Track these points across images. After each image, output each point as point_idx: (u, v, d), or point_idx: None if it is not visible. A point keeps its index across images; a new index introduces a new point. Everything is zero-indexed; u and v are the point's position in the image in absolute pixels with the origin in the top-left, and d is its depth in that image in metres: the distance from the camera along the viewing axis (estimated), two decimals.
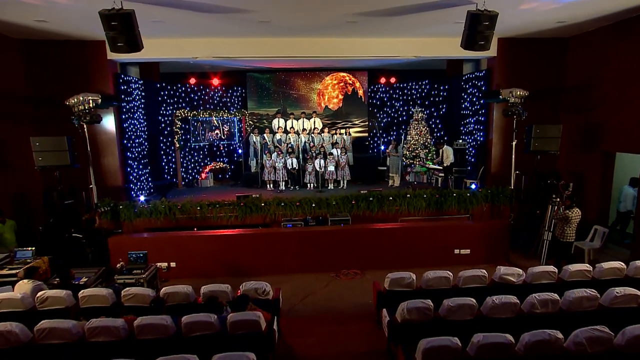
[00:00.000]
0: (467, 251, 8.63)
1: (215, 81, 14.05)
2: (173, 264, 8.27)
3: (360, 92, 14.96)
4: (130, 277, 6.68)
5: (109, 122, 10.00)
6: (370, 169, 13.52)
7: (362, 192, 9.83)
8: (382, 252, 8.50)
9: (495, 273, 6.05)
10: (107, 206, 8.51)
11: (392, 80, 14.71)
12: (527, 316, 4.99)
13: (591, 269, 5.89)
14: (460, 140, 11.81)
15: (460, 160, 11.33)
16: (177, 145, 12.84)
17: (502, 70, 10.41)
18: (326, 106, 15.03)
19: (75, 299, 5.46)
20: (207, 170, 13.66)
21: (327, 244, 8.48)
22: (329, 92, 14.87)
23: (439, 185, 11.64)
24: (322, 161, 12.13)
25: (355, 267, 8.46)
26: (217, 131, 13.98)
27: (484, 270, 5.99)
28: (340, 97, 14.93)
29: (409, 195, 9.56)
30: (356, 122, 15.13)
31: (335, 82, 14.85)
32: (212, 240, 8.40)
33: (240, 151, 13.85)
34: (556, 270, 5.90)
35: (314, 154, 12.52)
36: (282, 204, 9.48)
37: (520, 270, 5.92)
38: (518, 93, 8.60)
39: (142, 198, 9.27)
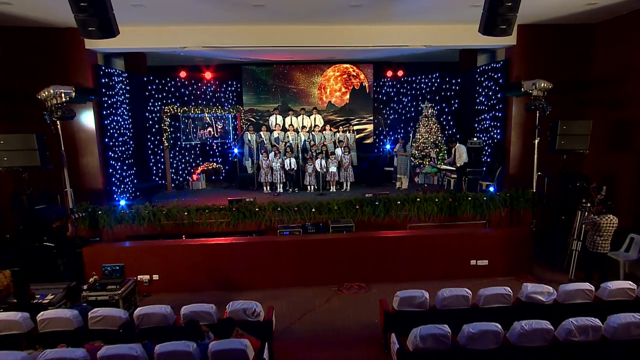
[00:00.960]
0: (485, 262, 8.03)
1: (208, 75, 13.50)
2: (156, 277, 7.71)
3: (366, 86, 14.37)
4: (104, 293, 6.11)
5: (88, 119, 9.45)
6: (376, 169, 12.92)
7: (366, 195, 9.26)
8: (390, 263, 7.92)
9: (521, 291, 5.45)
10: (82, 212, 7.95)
11: (400, 73, 14.12)
12: (563, 345, 4.38)
13: (635, 287, 5.27)
14: (475, 139, 11.21)
15: (474, 160, 10.72)
16: (166, 144, 12.28)
17: (522, 60, 9.80)
18: (329, 102, 14.45)
19: (33, 322, 4.88)
20: (198, 171, 13.10)
21: (328, 254, 7.90)
22: (330, 85, 14.30)
23: (452, 188, 11.04)
24: (324, 161, 11.56)
25: (360, 280, 7.89)
26: (209, 129, 13.43)
27: (508, 288, 5.39)
28: (344, 90, 14.34)
29: (418, 200, 8.98)
30: (361, 119, 14.55)
31: (337, 73, 14.27)
32: (200, 250, 7.83)
33: (235, 151, 13.27)
34: (593, 288, 5.29)
35: (315, 154, 11.95)
36: (279, 208, 8.92)
37: (551, 288, 5.32)
38: (542, 85, 7.99)
39: (122, 202, 8.65)
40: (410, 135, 12.99)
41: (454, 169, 10.43)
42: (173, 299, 7.39)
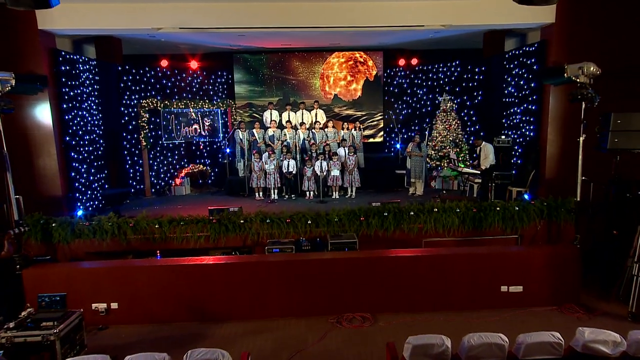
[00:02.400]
0: (519, 288, 6.92)
1: (194, 64, 12.57)
2: (114, 305, 6.71)
3: (374, 75, 13.34)
4: (35, 333, 5.09)
5: (43, 113, 8.54)
6: (386, 173, 11.88)
7: (373, 204, 8.20)
8: (401, 289, 6.86)
9: (575, 338, 4.35)
10: (25, 225, 6.94)
11: (414, 61, 13.06)
12: None
13: None
14: (503, 136, 10.12)
15: (503, 162, 9.62)
16: (144, 144, 11.32)
17: (563, 41, 8.72)
18: (335, 94, 13.46)
19: None
20: (182, 174, 12.13)
21: (325, 278, 6.87)
22: (334, 74, 13.32)
23: (475, 195, 9.89)
24: (325, 163, 10.52)
25: (364, 310, 6.83)
26: (195, 126, 12.45)
27: (558, 335, 4.28)
28: (350, 78, 13.32)
29: (436, 210, 7.88)
30: (369, 114, 13.54)
31: (342, 60, 13.27)
32: (169, 272, 6.84)
33: (227, 150, 12.28)
34: None
35: (315, 154, 10.91)
36: (268, 220, 7.90)
37: (617, 336, 4.20)
38: (591, 69, 6.84)
39: (80, 212, 7.71)
40: (426, 132, 11.93)
41: (478, 172, 9.30)
42: (134, 332, 6.47)
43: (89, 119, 9.83)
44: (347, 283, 6.87)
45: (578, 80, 7.00)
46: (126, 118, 11.38)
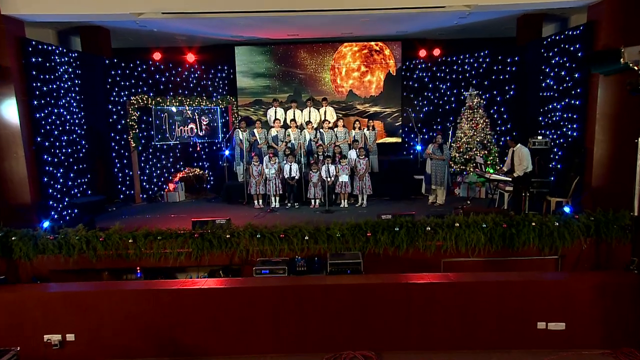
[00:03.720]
0: (561, 325, 5.76)
1: (191, 57, 11.74)
2: (71, 337, 5.84)
3: (392, 65, 12.35)
4: None
5: (9, 111, 7.79)
6: (404, 178, 10.80)
7: (383, 217, 7.18)
8: (412, 322, 5.82)
9: None
10: None
11: (436, 52, 11.99)
12: None
13: None
14: (539, 137, 8.95)
15: (540, 167, 8.45)
16: (133, 145, 10.53)
17: (617, 20, 7.55)
18: (351, 91, 12.52)
19: None
20: (177, 179, 11.31)
21: (322, 307, 5.87)
22: (347, 63, 12.39)
23: (506, 206, 8.71)
24: (332, 167, 9.55)
25: (366, 347, 5.81)
26: (192, 125, 11.61)
27: None
28: (364, 69, 12.34)
29: (458, 225, 6.80)
30: (385, 111, 12.53)
31: (356, 49, 12.36)
32: (138, 298, 5.94)
33: (227, 153, 11.41)
34: None
35: (322, 157, 9.92)
36: (259, 235, 6.97)
37: None
38: None
39: (46, 224, 6.94)
40: (449, 132, 10.83)
41: (510, 179, 8.13)
42: None
43: (68, 117, 9.09)
44: (348, 314, 5.84)
45: (637, 67, 5.80)
46: (114, 117, 10.63)
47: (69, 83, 9.18)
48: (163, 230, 7.01)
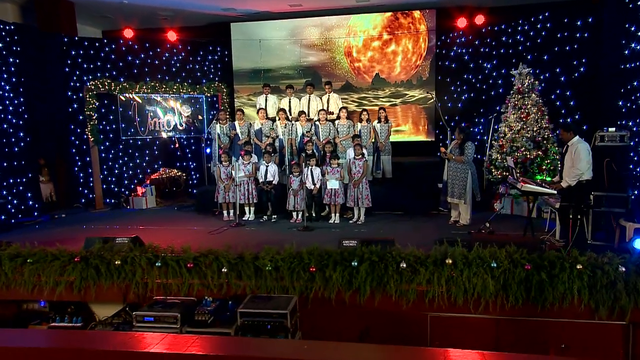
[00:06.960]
0: None
1: (172, 35, 10.22)
2: None
3: (424, 38, 10.13)
4: None
5: None
6: (424, 187, 8.46)
7: (344, 243, 5.03)
8: None
9: None
10: None
11: (480, 20, 9.49)
12: None
13: None
14: (613, 129, 6.27)
15: (609, 175, 5.83)
16: (92, 139, 9.16)
17: None
18: (377, 74, 10.52)
19: None
20: (148, 181, 9.80)
21: None
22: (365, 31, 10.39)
23: (558, 235, 6.02)
24: (318, 171, 7.53)
25: None
26: (168, 117, 10.05)
27: None
28: (386, 37, 10.24)
29: (450, 261, 4.47)
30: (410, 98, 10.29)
31: (378, 20, 10.36)
32: None
33: (208, 151, 9.80)
34: None
35: (307, 158, 7.88)
36: (159, 264, 5.09)
37: None
38: None
39: None
40: (490, 126, 8.36)
41: (555, 191, 5.52)
42: None
43: None
44: None
45: None
46: (75, 105, 9.35)
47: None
48: (35, 251, 5.37)
